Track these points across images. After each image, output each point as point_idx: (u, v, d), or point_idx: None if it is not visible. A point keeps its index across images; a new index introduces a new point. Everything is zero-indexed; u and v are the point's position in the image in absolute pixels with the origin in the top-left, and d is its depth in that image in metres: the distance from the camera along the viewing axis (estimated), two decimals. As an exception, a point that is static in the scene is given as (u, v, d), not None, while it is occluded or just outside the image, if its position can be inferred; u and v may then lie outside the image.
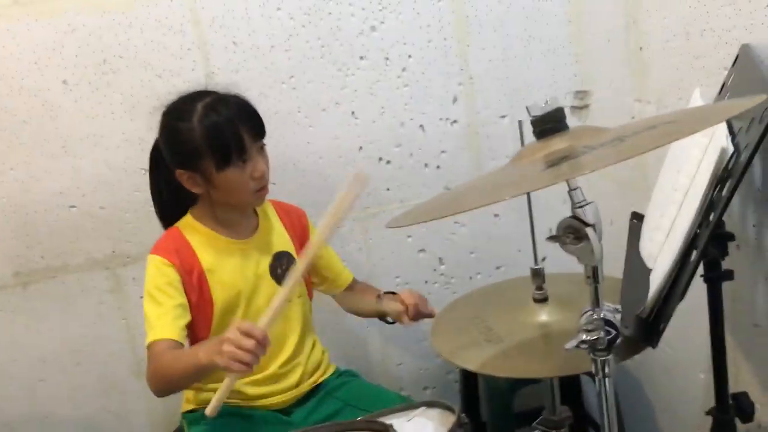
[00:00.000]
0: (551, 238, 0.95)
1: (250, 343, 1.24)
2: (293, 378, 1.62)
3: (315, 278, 1.73)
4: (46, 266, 1.85)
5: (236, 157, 1.45)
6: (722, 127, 1.13)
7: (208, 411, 1.33)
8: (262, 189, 1.52)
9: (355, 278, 1.79)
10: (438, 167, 1.96)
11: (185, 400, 1.65)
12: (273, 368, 1.59)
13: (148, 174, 1.63)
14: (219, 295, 1.52)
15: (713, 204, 1.09)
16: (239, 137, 1.45)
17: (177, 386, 1.50)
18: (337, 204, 1.31)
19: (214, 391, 1.56)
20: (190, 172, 1.48)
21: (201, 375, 1.43)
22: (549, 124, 0.92)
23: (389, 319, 1.67)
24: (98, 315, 1.90)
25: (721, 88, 1.29)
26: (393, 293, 1.69)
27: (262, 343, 1.25)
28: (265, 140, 1.53)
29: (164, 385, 1.43)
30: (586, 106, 1.94)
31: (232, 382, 1.32)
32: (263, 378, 1.59)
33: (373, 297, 1.70)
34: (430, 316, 1.59)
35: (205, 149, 1.44)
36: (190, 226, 1.56)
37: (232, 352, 1.24)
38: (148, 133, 1.76)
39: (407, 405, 1.38)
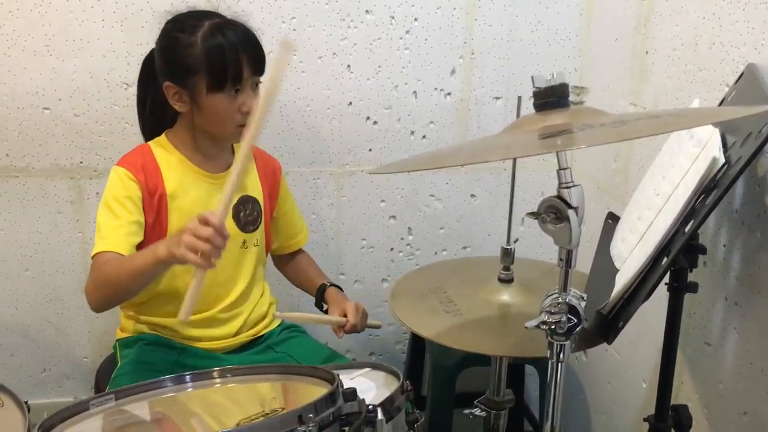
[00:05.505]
0: (531, 214, 0.94)
1: (207, 231, 1.19)
2: (233, 326, 1.58)
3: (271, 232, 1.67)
4: (9, 165, 1.79)
5: (230, 84, 1.41)
6: (716, 138, 1.12)
7: (181, 315, 1.21)
8: (245, 125, 1.48)
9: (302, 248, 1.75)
10: (424, 137, 1.94)
11: (120, 328, 1.61)
12: (213, 311, 1.55)
13: (136, 86, 1.57)
14: (175, 221, 1.48)
15: (694, 212, 1.09)
16: (239, 65, 1.41)
17: (123, 291, 1.38)
18: (272, 76, 1.23)
19: (148, 324, 1.55)
20: (179, 87, 1.43)
21: (156, 272, 1.35)
22: (551, 97, 0.90)
23: (324, 306, 1.64)
24: (54, 224, 1.85)
25: (720, 103, 1.29)
26: (337, 287, 1.65)
27: (220, 232, 1.20)
28: (258, 79, 1.49)
29: (109, 290, 1.35)
30: (581, 103, 1.93)
31: (200, 281, 1.22)
32: (201, 320, 1.53)
33: (316, 281, 1.67)
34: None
35: (201, 67, 1.40)
36: (162, 146, 1.51)
37: (191, 241, 1.19)
38: (137, 47, 1.73)
39: (352, 363, 1.36)
